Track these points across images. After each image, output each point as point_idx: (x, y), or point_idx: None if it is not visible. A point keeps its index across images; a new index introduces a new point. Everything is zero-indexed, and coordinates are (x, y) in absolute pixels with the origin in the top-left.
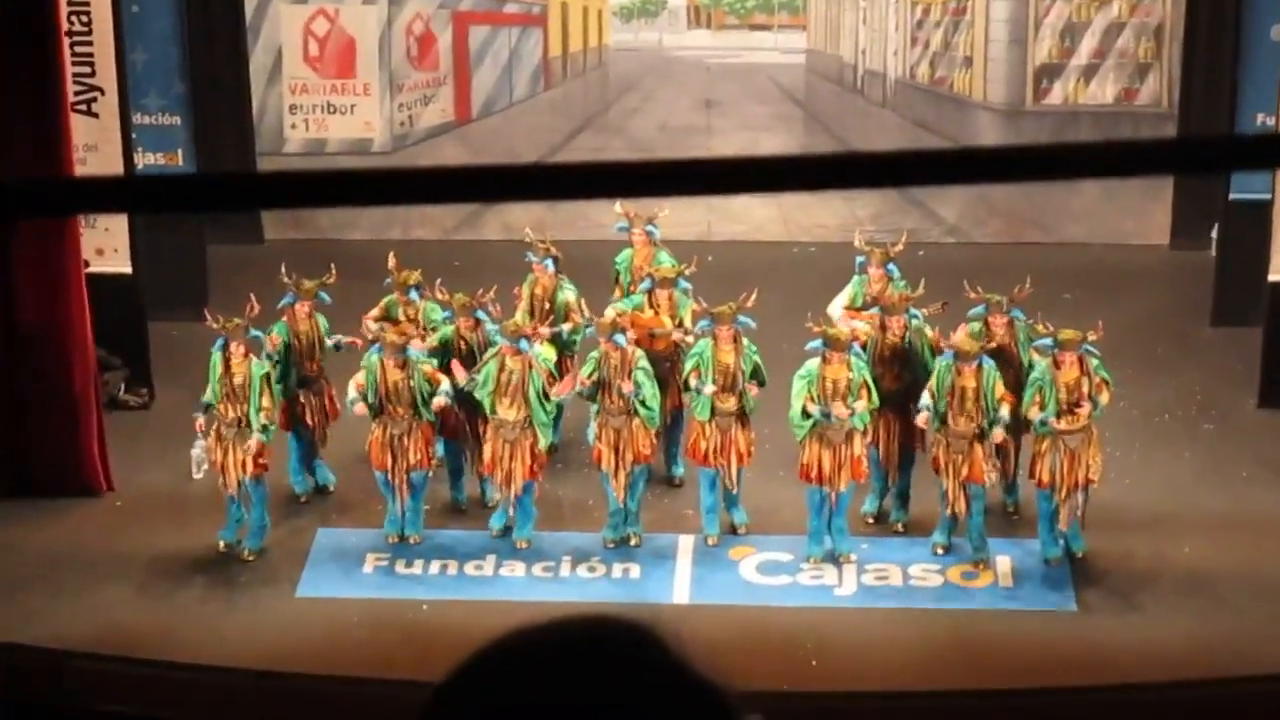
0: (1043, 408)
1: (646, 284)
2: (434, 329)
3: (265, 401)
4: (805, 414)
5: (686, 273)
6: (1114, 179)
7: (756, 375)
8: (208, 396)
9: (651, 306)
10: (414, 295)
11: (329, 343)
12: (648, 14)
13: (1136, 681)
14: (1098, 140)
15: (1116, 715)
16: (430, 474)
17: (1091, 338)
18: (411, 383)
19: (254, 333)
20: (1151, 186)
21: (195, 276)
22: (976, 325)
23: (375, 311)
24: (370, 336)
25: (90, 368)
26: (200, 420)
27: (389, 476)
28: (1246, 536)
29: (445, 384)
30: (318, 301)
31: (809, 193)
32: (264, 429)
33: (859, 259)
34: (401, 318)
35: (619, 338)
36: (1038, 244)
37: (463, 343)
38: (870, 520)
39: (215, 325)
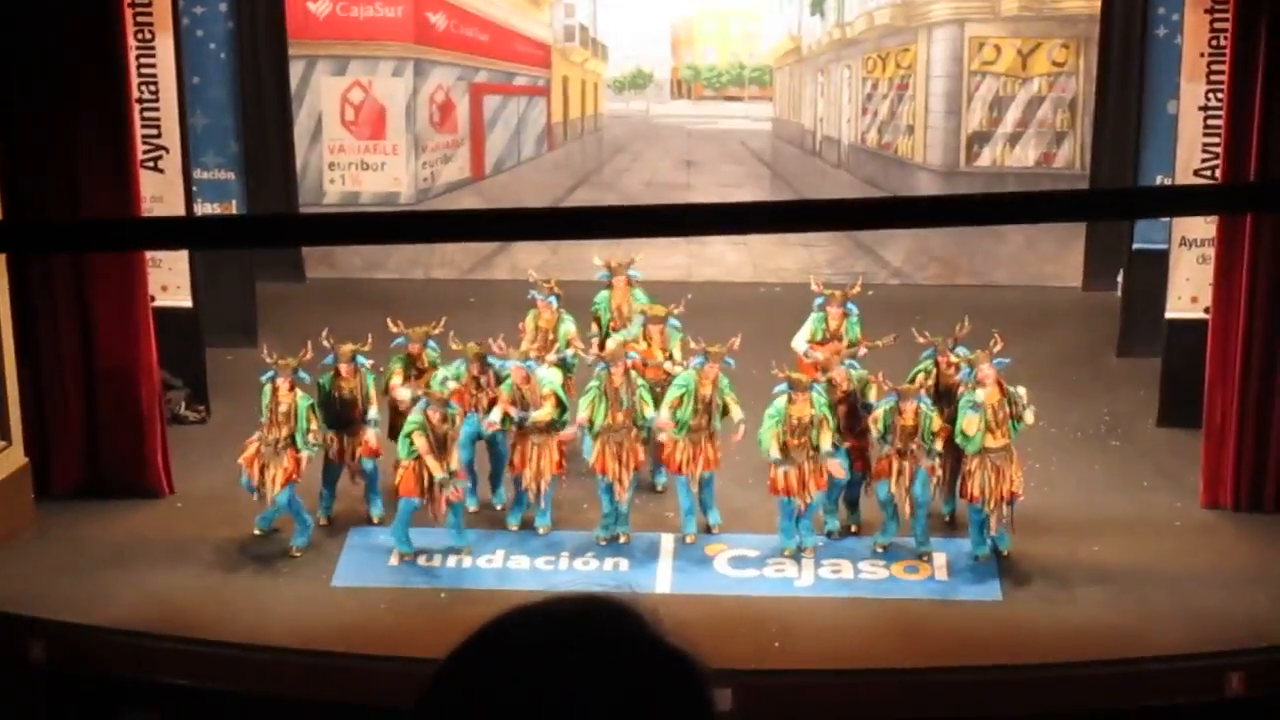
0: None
1: (640, 320)
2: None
3: (313, 425)
4: (777, 449)
5: (675, 311)
6: (1034, 225)
7: (732, 405)
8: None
9: (645, 339)
10: (432, 345)
11: (372, 415)
12: (637, 86)
13: (1053, 661)
14: (1020, 191)
15: (1035, 690)
16: (469, 487)
17: (996, 349)
18: (453, 432)
19: (302, 374)
20: (1066, 236)
21: (246, 310)
22: (928, 364)
23: (396, 379)
24: (406, 401)
25: (156, 388)
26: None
27: (420, 505)
28: (1147, 536)
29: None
30: (357, 365)
31: (774, 235)
32: (312, 446)
33: (818, 299)
34: (415, 368)
35: (631, 354)
36: (970, 285)
37: (474, 386)
38: (832, 534)
39: (269, 360)
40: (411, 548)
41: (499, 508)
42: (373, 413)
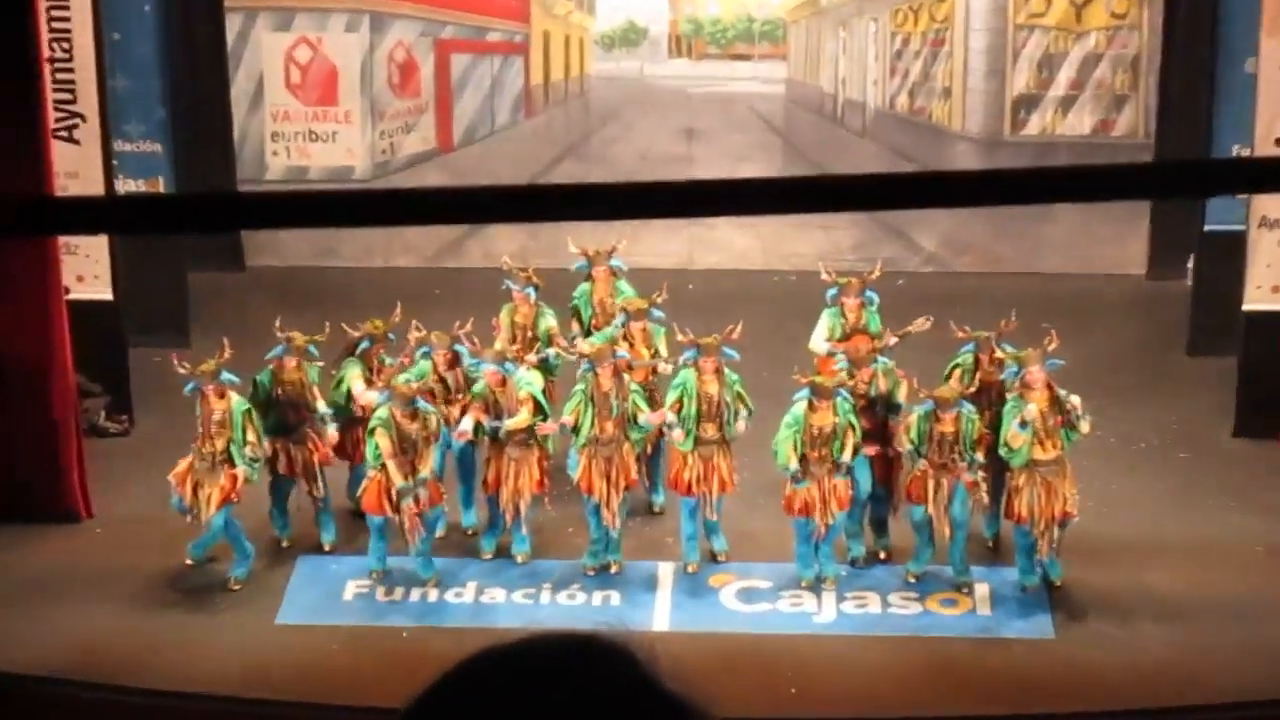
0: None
1: (621, 319)
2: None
3: (250, 436)
4: (795, 461)
5: (658, 301)
6: (1089, 204)
7: (742, 403)
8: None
9: (626, 340)
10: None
11: (320, 408)
12: (629, 43)
13: (1114, 709)
14: (1072, 165)
15: None
16: (444, 509)
17: (1051, 348)
18: (425, 433)
19: (226, 376)
20: (1128, 217)
21: (176, 303)
22: (967, 360)
23: (358, 385)
24: (366, 403)
25: (70, 394)
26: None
27: (389, 521)
28: (1221, 564)
29: (468, 421)
30: (308, 356)
31: (788, 216)
32: (251, 462)
33: (830, 291)
34: (376, 368)
35: (621, 352)
36: (1015, 274)
37: (439, 381)
38: (856, 562)
39: (184, 370)
40: (384, 564)
41: (470, 532)
42: (322, 407)
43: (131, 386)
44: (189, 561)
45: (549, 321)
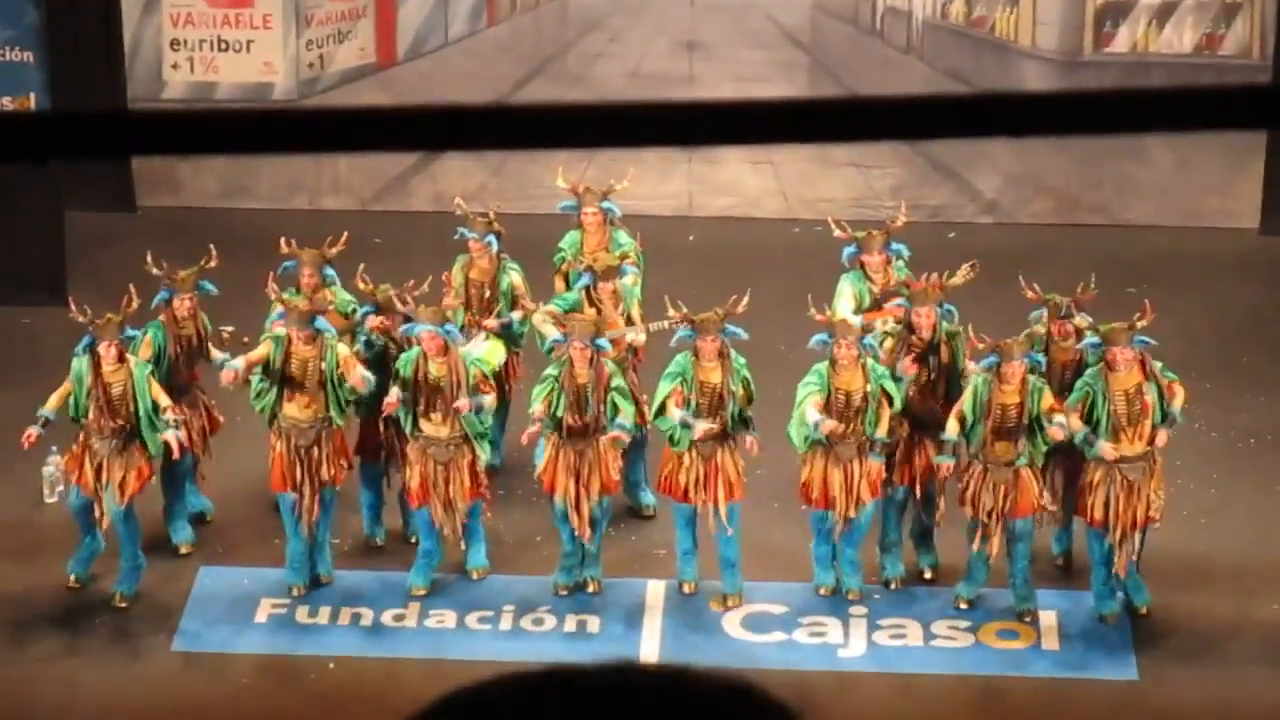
0: (1087, 420)
1: (586, 279)
2: (352, 324)
3: (164, 400)
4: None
5: (633, 255)
6: (1191, 138)
7: (746, 391)
8: (49, 407)
9: (592, 304)
10: (330, 274)
11: (217, 356)
12: None
13: None
14: (1171, 88)
15: None
16: (337, 493)
17: (1141, 324)
18: (323, 366)
19: (130, 332)
20: (1238, 156)
21: (50, 251)
22: (1038, 328)
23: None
24: (355, 381)
25: None
26: (35, 434)
27: (296, 502)
28: None
29: (368, 377)
30: (200, 294)
31: (813, 150)
32: (178, 425)
33: (847, 250)
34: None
35: (602, 342)
36: (1096, 226)
37: (392, 342)
38: (893, 583)
39: (83, 319)
40: (303, 577)
41: (378, 543)
42: (219, 355)
43: None
44: (73, 583)
45: (513, 277)
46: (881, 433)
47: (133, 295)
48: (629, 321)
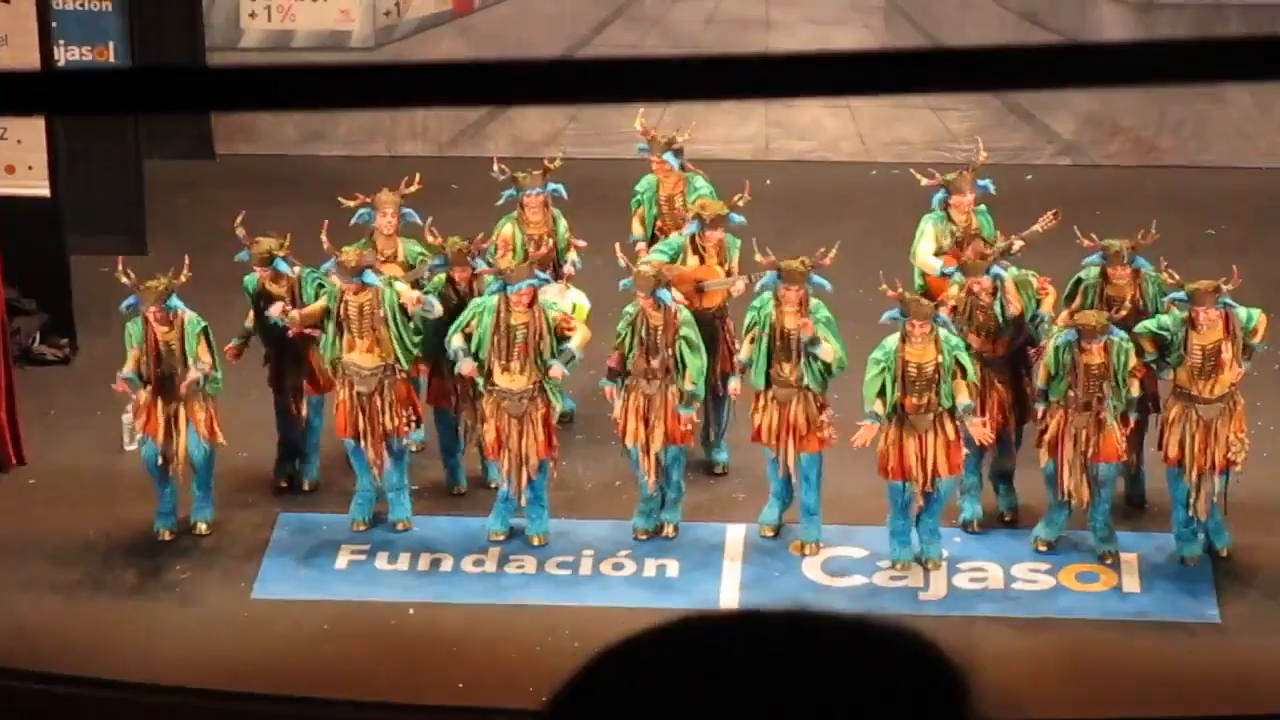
0: (1161, 357)
1: (694, 226)
2: (417, 274)
3: (206, 357)
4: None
5: (740, 205)
6: (1271, 83)
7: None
8: (128, 369)
9: (696, 253)
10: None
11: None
12: None
13: None
14: (1250, 36)
15: None
16: (409, 443)
17: (1226, 287)
18: (381, 311)
19: (174, 302)
20: None
21: (130, 202)
22: (1091, 274)
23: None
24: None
25: None
26: (124, 385)
27: (359, 444)
28: None
29: (427, 299)
30: (277, 271)
31: (891, 98)
32: (212, 380)
33: (937, 194)
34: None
35: (663, 293)
36: (1174, 167)
37: (455, 295)
38: (972, 528)
39: (127, 281)
40: (366, 514)
41: (459, 489)
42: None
43: (74, 303)
44: (166, 536)
45: (562, 226)
46: (963, 402)
47: (186, 266)
48: (729, 272)
